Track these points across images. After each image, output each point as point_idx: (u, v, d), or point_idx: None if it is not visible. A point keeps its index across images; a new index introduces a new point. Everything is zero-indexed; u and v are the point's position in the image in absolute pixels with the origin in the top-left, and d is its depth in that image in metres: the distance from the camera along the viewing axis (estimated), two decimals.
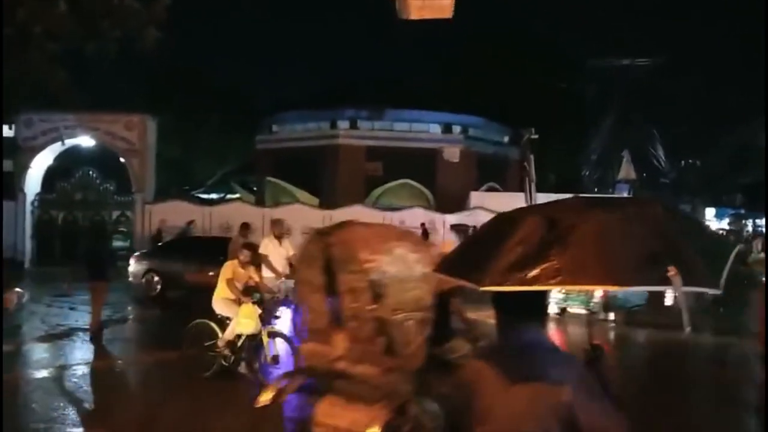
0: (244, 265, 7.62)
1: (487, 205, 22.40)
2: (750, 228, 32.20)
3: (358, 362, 4.29)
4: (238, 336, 7.24)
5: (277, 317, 7.83)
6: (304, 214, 22.11)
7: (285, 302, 8.34)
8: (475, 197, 23.57)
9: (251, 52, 37.14)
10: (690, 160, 42.00)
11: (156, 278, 14.26)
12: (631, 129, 37.72)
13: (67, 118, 21.52)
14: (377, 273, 4.23)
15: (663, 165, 39.31)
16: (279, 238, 9.86)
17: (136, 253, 15.84)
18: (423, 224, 20.47)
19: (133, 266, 14.85)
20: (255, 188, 31.04)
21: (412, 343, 4.32)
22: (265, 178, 28.73)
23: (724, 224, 32.81)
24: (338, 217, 21.31)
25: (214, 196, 32.96)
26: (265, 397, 4.59)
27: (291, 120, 30.07)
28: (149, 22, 10.85)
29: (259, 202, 26.16)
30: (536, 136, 20.89)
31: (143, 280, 14.39)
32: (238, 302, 7.25)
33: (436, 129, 28.86)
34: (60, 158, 23.36)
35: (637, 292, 9.96)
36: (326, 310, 4.55)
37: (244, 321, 7.15)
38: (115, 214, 22.20)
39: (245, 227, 11.24)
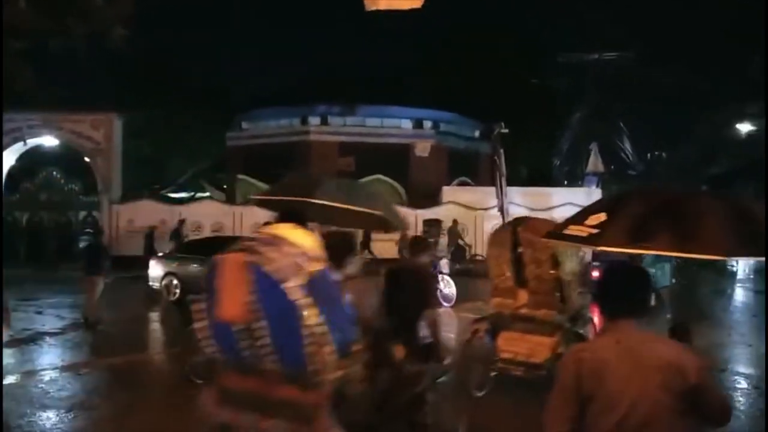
0: None
1: (459, 199, 22.57)
2: None
3: (538, 308, 6.62)
4: None
5: None
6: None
7: None
8: (447, 192, 23.69)
9: (221, 49, 36.72)
10: (657, 152, 42.89)
11: (175, 282, 13.36)
12: (600, 122, 38.32)
13: (31, 118, 20.99)
14: (556, 250, 6.34)
15: (630, 157, 40.04)
16: None
17: (157, 255, 15.05)
18: None
19: (152, 269, 14.01)
20: (225, 186, 30.68)
21: (573, 294, 6.61)
22: (235, 175, 28.42)
23: None
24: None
25: (183, 194, 32.51)
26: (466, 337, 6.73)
27: (262, 116, 29.78)
28: (115, 19, 10.66)
29: (230, 200, 25.86)
30: (506, 130, 21.01)
31: (162, 284, 13.55)
32: None
33: (407, 124, 28.89)
34: (22, 159, 22.77)
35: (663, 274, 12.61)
36: (510, 275, 6.83)
37: None
38: (82, 214, 21.75)
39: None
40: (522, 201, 22.03)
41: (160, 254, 15.40)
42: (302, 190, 5.55)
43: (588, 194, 24.09)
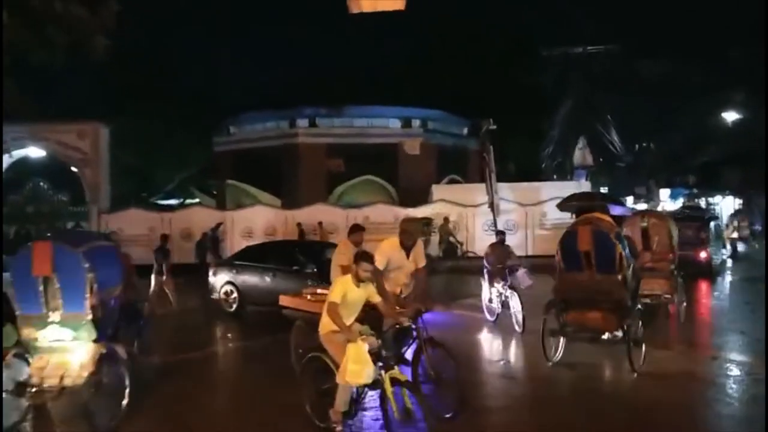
0: (361, 282, 5.52)
1: (450, 197, 22.57)
2: (703, 205, 33.26)
3: (658, 262, 10.38)
4: (351, 397, 5.40)
5: (402, 357, 5.86)
6: (267, 215, 21.90)
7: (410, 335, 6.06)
8: (437, 190, 23.69)
9: (205, 54, 36.47)
10: (644, 144, 43.12)
11: (233, 291, 12.37)
12: (587, 115, 38.49)
13: (16, 129, 20.79)
14: (669, 226, 10.78)
15: (618, 149, 40.23)
16: (358, 245, 7.26)
17: (215, 263, 14.21)
18: (320, 222, 20.79)
19: (212, 278, 13.01)
20: (215, 192, 30.56)
21: (675, 252, 10.60)
22: (224, 181, 28.32)
23: (679, 204, 33.78)
24: (301, 217, 21.21)
25: (173, 201, 32.33)
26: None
27: (249, 121, 29.69)
28: (97, 30, 10.58)
29: (220, 206, 25.75)
30: (495, 127, 21.10)
31: (221, 293, 12.52)
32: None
33: (395, 124, 28.90)
34: (9, 171, 22.55)
35: None
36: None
37: (354, 368, 5.07)
38: (70, 225, 21.56)
39: (358, 229, 7.69)
40: (512, 196, 22.08)
41: (212, 261, 14.77)
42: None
43: (577, 188, 24.16)
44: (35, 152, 22.00)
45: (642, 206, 36.22)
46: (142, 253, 20.25)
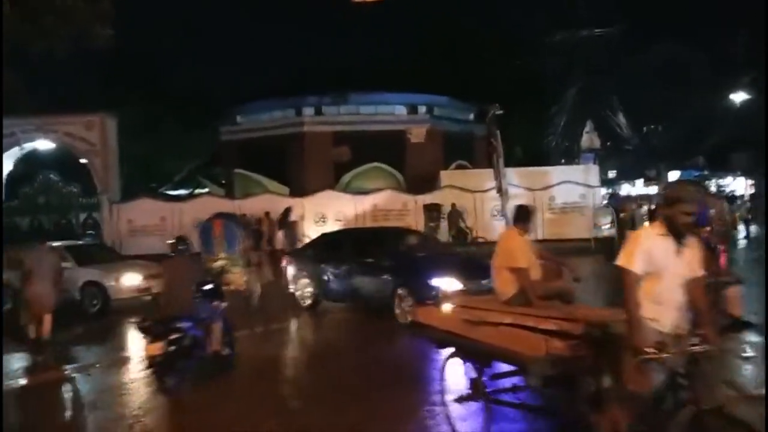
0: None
1: (458, 183, 22.57)
2: (714, 188, 33.07)
3: None
4: None
5: None
6: (276, 204, 21.99)
7: None
8: (445, 176, 23.68)
9: (210, 44, 36.53)
10: (653, 126, 42.81)
11: (308, 284, 11.59)
12: (593, 98, 38.23)
13: (24, 122, 20.97)
14: None
15: (626, 132, 39.98)
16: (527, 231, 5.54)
17: (290, 252, 13.55)
18: (267, 213, 19.63)
19: (288, 269, 12.29)
20: (224, 181, 30.67)
21: None
22: (232, 170, 28.40)
23: None
24: (310, 204, 21.31)
25: (182, 191, 32.49)
26: None
27: (255, 110, 29.70)
28: (96, 19, 10.61)
29: (229, 195, 25.87)
30: (501, 112, 21.01)
31: (296, 285, 11.87)
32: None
33: (401, 110, 28.82)
34: (19, 163, 22.76)
35: None
36: None
37: None
38: (82, 216, 21.77)
39: (527, 212, 5.72)
40: (520, 181, 22.04)
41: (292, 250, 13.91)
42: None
43: (586, 171, 24.10)
44: (44, 145, 22.17)
45: (653, 189, 36.04)
46: (155, 242, 20.56)
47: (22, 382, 7.91)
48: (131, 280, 12.52)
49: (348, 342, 9.61)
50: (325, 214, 20.93)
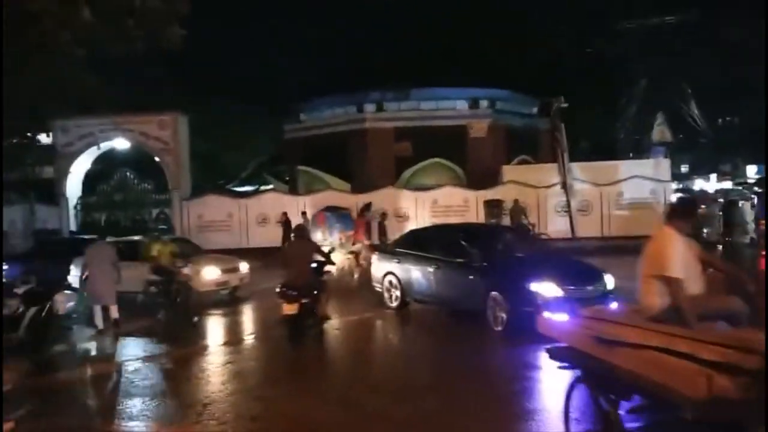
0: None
1: (520, 178, 22.19)
2: None
3: None
4: None
5: None
6: (338, 200, 22.27)
7: None
8: (507, 171, 23.33)
9: (273, 41, 37.28)
10: (728, 118, 40.69)
11: (395, 283, 10.90)
12: (665, 90, 36.70)
13: (102, 122, 22.07)
14: None
15: (700, 124, 38.17)
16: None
17: (379, 249, 13.14)
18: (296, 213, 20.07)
19: (375, 266, 11.81)
20: (287, 177, 31.34)
21: None
22: (296, 166, 28.96)
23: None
24: (371, 201, 21.45)
25: (248, 188, 33.40)
26: None
27: (318, 107, 30.17)
28: (172, 20, 10.98)
29: (293, 191, 26.41)
30: (566, 105, 20.54)
31: (384, 284, 11.16)
32: None
33: (463, 105, 28.58)
34: (97, 162, 23.98)
35: None
36: None
37: None
38: (155, 212, 22.70)
39: (691, 206, 5.24)
40: (586, 176, 21.46)
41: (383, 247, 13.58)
42: None
43: (656, 166, 23.21)
44: (121, 144, 23.24)
45: (727, 184, 34.32)
46: (222, 237, 21.28)
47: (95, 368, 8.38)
48: (211, 273, 12.64)
49: (434, 351, 8.60)
50: (385, 210, 20.99)
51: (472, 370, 7.25)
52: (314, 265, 9.06)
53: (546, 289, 8.36)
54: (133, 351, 9.13)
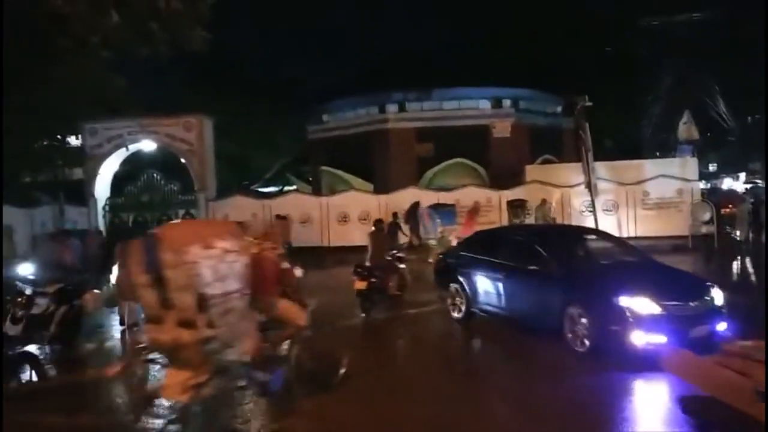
0: None
1: (544, 178, 22.02)
2: None
3: None
4: None
5: None
6: (360, 201, 22.34)
7: None
8: (531, 171, 23.15)
9: (296, 41, 37.61)
10: (757, 116, 39.84)
11: (459, 291, 9.80)
12: (692, 87, 36.07)
13: (129, 125, 22.48)
14: None
15: (728, 122, 37.43)
16: None
17: (443, 252, 12.05)
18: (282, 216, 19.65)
19: (437, 270, 10.97)
20: (310, 178, 31.54)
21: None
22: (319, 167, 29.14)
23: None
24: (394, 201, 21.48)
25: (272, 189, 33.70)
26: None
27: (341, 108, 30.32)
28: (195, 23, 11.16)
29: (316, 192, 26.57)
30: (590, 103, 20.30)
31: (445, 291, 10.24)
32: None
33: (485, 105, 28.47)
34: (125, 163, 24.42)
35: None
36: None
37: None
38: (181, 212, 23.00)
39: None
40: (611, 175, 21.22)
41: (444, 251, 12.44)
42: None
43: (683, 165, 22.84)
44: (148, 146, 23.63)
45: (757, 183, 33.59)
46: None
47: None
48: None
49: (503, 378, 7.28)
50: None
51: (551, 404, 5.98)
52: (392, 252, 11.14)
53: (639, 304, 7.09)
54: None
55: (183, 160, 23.08)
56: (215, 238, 5.04)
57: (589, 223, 18.85)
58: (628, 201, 20.97)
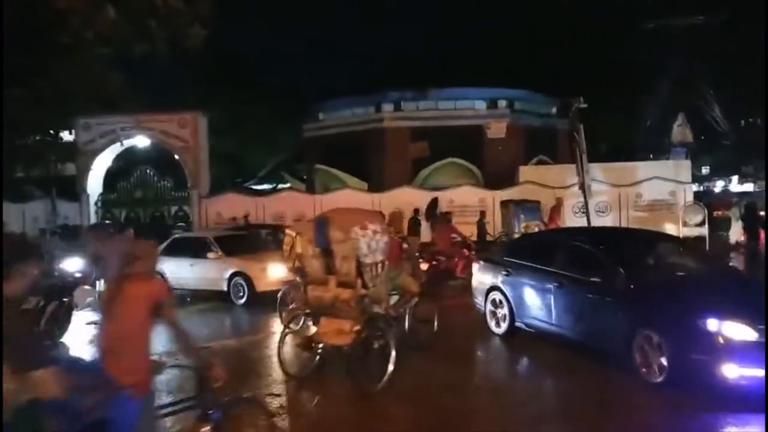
0: None
1: (538, 179, 22.09)
2: None
3: None
4: None
5: None
6: (354, 199, 22.33)
7: None
8: (525, 171, 23.22)
9: (292, 40, 37.57)
10: (751, 119, 40.06)
11: (501, 302, 8.61)
12: (686, 90, 36.24)
13: (123, 120, 22.38)
14: None
15: (721, 126, 37.64)
16: None
17: (483, 257, 10.40)
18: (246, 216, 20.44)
19: (475, 278, 9.56)
20: (305, 176, 31.51)
21: None
22: (313, 165, 29.11)
23: None
24: (387, 200, 21.50)
25: (266, 186, 33.62)
26: None
27: (337, 106, 30.29)
28: (194, 21, 11.12)
29: (310, 190, 26.54)
30: (585, 105, 20.38)
31: (487, 302, 8.91)
32: None
33: (481, 105, 28.52)
34: (119, 159, 24.31)
35: None
36: None
37: None
38: (174, 209, 22.95)
39: None
40: (605, 177, 21.31)
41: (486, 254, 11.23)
42: None
43: (676, 167, 22.97)
44: (142, 141, 23.53)
45: (749, 186, 33.83)
46: None
47: None
48: (276, 271, 11.40)
49: (558, 414, 6.07)
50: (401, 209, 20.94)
51: None
52: (456, 240, 12.98)
53: (733, 329, 5.80)
54: None
55: (177, 157, 23.00)
56: (368, 221, 6.79)
57: (582, 224, 18.93)
58: (621, 202, 21.08)
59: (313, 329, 7.12)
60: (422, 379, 7.02)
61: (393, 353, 6.61)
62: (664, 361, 6.13)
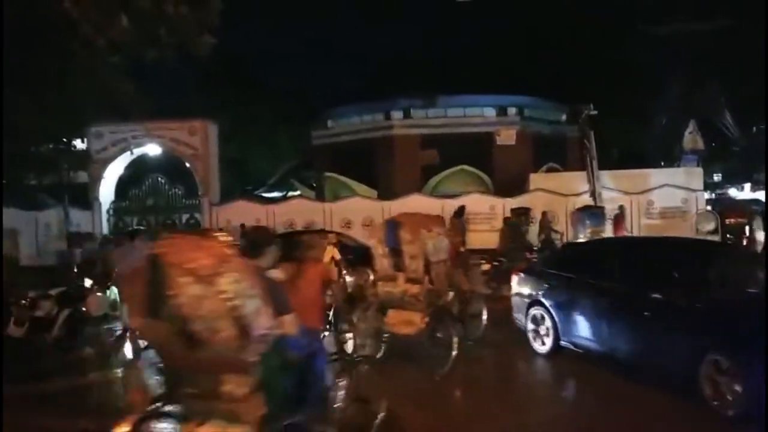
0: None
1: (548, 186, 21.99)
2: None
3: None
4: None
5: None
6: (364, 207, 22.33)
7: None
8: (535, 179, 23.13)
9: (298, 44, 37.84)
10: (762, 126, 39.71)
11: (544, 317, 7.94)
12: (698, 97, 36.00)
13: (135, 128, 22.53)
14: None
15: (733, 133, 37.33)
16: None
17: (521, 269, 9.51)
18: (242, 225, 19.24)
19: (514, 290, 8.88)
20: (314, 184, 31.56)
21: None
22: (323, 173, 29.16)
23: None
24: (397, 208, 21.47)
25: (275, 194, 33.68)
26: None
27: (346, 114, 30.37)
28: (203, 29, 11.20)
29: (319, 198, 26.57)
30: (595, 112, 20.31)
31: (527, 318, 8.25)
32: None
33: (490, 112, 28.50)
34: (130, 167, 24.47)
35: None
36: None
37: None
38: (185, 216, 23.04)
39: None
40: (615, 184, 21.18)
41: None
42: None
43: (688, 174, 22.80)
44: (153, 149, 23.68)
45: (761, 194, 33.47)
46: None
47: None
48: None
49: None
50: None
51: None
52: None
53: None
54: None
55: (187, 165, 23.12)
56: (433, 225, 7.78)
57: None
58: (632, 210, 20.92)
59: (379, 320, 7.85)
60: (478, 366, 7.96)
61: (456, 341, 7.39)
62: (736, 391, 5.39)
